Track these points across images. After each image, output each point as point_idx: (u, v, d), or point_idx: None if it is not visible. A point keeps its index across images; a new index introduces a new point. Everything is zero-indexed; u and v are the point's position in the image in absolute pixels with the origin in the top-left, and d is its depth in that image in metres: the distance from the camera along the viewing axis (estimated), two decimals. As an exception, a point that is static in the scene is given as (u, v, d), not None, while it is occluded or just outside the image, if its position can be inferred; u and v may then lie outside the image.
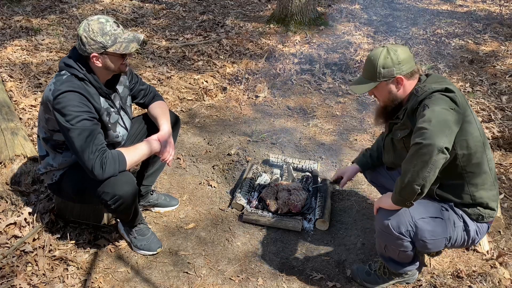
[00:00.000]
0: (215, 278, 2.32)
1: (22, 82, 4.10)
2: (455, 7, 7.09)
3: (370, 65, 1.97)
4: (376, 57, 1.95)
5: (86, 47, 2.00)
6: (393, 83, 1.96)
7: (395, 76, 1.93)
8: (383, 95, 2.02)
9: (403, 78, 1.94)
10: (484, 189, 1.96)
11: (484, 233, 2.05)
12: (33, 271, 2.24)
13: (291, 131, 3.72)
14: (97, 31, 1.99)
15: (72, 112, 1.98)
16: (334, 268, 2.40)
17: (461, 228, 1.98)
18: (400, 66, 1.92)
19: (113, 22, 2.05)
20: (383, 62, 1.93)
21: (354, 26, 5.97)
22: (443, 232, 1.94)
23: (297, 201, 2.72)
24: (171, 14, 6.41)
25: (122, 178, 2.08)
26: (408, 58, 1.94)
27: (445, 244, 1.98)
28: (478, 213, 1.97)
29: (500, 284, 2.23)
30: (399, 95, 1.99)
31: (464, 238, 2.00)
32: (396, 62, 1.92)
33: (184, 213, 2.78)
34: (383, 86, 1.97)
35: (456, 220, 1.97)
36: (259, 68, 4.73)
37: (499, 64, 4.90)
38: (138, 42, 2.09)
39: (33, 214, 2.52)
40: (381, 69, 1.93)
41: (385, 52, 1.94)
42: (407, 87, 1.97)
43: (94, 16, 2.05)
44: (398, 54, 1.92)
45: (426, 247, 1.96)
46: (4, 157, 2.86)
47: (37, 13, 6.02)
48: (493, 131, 3.57)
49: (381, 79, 1.95)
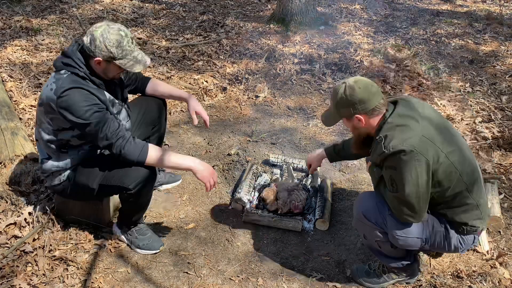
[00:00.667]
0: (215, 278, 2.32)
1: (22, 82, 4.10)
2: (455, 7, 7.09)
3: (334, 100, 1.95)
4: (336, 95, 1.93)
5: (96, 50, 2.01)
6: (354, 120, 1.94)
7: (353, 116, 1.92)
8: (350, 127, 2.04)
9: (362, 118, 1.91)
10: (465, 213, 1.94)
11: (469, 245, 2.02)
12: (33, 271, 2.24)
13: (291, 131, 3.72)
14: (114, 42, 2.00)
15: (81, 108, 2.00)
16: (334, 268, 2.40)
17: (441, 234, 1.98)
18: (357, 106, 1.88)
19: (130, 38, 2.07)
20: (341, 102, 1.91)
21: (354, 26, 5.96)
22: (416, 232, 1.95)
23: (297, 201, 2.72)
24: (171, 14, 6.41)
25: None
26: (368, 96, 1.87)
27: (422, 245, 1.99)
28: (461, 228, 1.97)
29: (500, 284, 2.23)
30: (364, 129, 1.98)
31: (444, 244, 2.00)
32: (353, 102, 1.87)
33: (184, 213, 2.78)
34: (346, 121, 2.00)
35: (436, 224, 1.98)
36: (259, 68, 4.73)
37: (499, 64, 4.90)
38: (144, 66, 2.13)
39: (33, 214, 2.52)
40: (340, 108, 1.93)
41: (342, 91, 1.89)
42: (370, 122, 1.94)
43: (115, 25, 2.06)
44: (355, 94, 1.86)
45: (397, 242, 1.98)
46: (4, 157, 2.86)
47: (37, 13, 6.02)
48: (493, 131, 3.57)
49: (343, 116, 1.96)
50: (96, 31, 2.00)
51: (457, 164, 1.87)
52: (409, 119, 1.85)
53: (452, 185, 1.88)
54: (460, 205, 1.92)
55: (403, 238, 1.95)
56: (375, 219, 1.99)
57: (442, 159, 1.83)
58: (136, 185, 2.15)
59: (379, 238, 2.04)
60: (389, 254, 2.12)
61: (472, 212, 1.94)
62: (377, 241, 2.05)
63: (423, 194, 1.83)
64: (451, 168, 1.86)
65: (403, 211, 1.87)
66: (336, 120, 2.01)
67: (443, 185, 1.87)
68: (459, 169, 1.88)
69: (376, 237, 2.04)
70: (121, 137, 2.08)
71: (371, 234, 2.05)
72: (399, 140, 1.79)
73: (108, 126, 2.06)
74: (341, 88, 1.90)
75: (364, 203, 2.05)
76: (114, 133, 2.07)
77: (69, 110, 1.99)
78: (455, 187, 1.89)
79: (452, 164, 1.86)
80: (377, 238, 2.04)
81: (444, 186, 1.88)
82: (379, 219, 1.98)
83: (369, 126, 1.94)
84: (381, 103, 1.90)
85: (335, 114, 1.98)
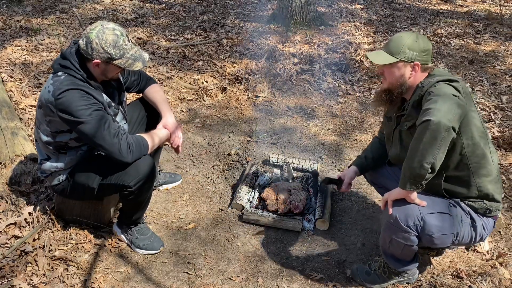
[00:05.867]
0: (215, 278, 2.32)
1: (22, 82, 4.10)
2: (455, 7, 7.09)
3: (397, 42, 1.98)
4: (405, 37, 1.98)
5: (93, 52, 2.00)
6: (410, 67, 1.98)
7: (414, 61, 1.96)
8: (394, 75, 2.01)
9: (420, 67, 1.97)
10: (489, 181, 1.97)
11: (491, 229, 2.05)
12: (33, 271, 2.24)
13: (291, 131, 3.72)
14: (111, 42, 1.99)
15: (79, 108, 1.99)
16: (334, 268, 2.40)
17: (468, 224, 1.98)
18: (422, 55, 1.96)
19: (125, 36, 2.06)
20: (411, 44, 1.95)
21: (354, 26, 5.97)
22: (450, 228, 1.94)
23: (297, 201, 2.72)
24: (171, 14, 6.41)
25: (143, 160, 2.17)
26: (430, 51, 1.99)
27: (452, 240, 1.98)
28: (485, 207, 1.98)
29: (500, 284, 2.23)
30: (408, 82, 2.00)
31: (471, 234, 2.00)
32: (421, 49, 1.96)
33: (184, 213, 2.78)
34: (399, 66, 1.98)
35: (464, 216, 1.98)
36: (259, 68, 4.73)
37: (499, 64, 4.90)
38: (143, 62, 2.12)
39: (33, 214, 2.52)
40: (406, 49, 1.95)
41: (414, 36, 1.98)
42: (418, 77, 1.99)
43: (109, 24, 2.04)
44: (425, 43, 1.97)
45: (432, 242, 1.96)
46: (4, 157, 2.86)
47: (37, 13, 6.02)
48: (493, 131, 3.57)
49: (402, 58, 1.96)
50: (91, 33, 1.99)
51: (482, 122, 1.95)
52: (449, 76, 1.95)
53: (481, 143, 1.92)
54: (487, 173, 1.95)
55: (439, 236, 1.93)
56: (411, 222, 1.91)
57: (474, 109, 1.91)
58: (136, 183, 2.16)
59: (409, 242, 1.97)
60: (402, 258, 2.11)
61: (496, 185, 1.98)
62: (406, 245, 1.99)
63: (451, 104, 1.75)
64: (480, 123, 1.93)
65: (423, 157, 1.74)
66: (390, 59, 1.98)
67: (474, 137, 1.90)
68: (484, 127, 1.95)
69: (407, 240, 1.96)
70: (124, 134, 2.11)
71: (402, 237, 1.97)
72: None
73: (109, 124, 2.06)
74: (414, 34, 1.98)
75: (397, 207, 1.95)
76: (117, 130, 2.08)
77: (68, 111, 1.99)
78: (483, 147, 1.93)
79: (480, 120, 1.93)
80: (407, 242, 1.97)
81: (476, 139, 1.90)
82: (415, 221, 1.91)
83: (415, 80, 1.99)
84: (432, 66, 2.02)
85: (393, 54, 1.97)
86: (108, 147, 2.06)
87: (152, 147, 2.23)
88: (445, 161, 1.87)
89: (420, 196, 1.94)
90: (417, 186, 1.83)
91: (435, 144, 1.71)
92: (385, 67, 2.02)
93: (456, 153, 1.91)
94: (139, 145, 2.14)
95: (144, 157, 2.18)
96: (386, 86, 2.06)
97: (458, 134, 1.85)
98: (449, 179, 1.98)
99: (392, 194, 1.95)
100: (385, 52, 2.01)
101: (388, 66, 2.00)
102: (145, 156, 2.19)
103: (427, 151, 1.72)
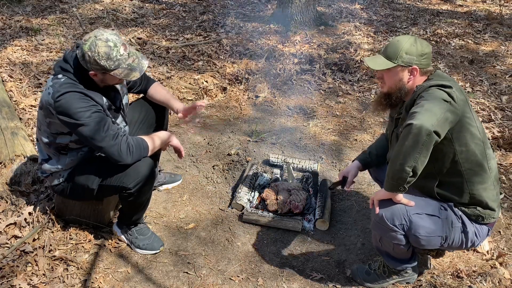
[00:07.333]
0: (215, 278, 2.32)
1: (22, 82, 4.10)
2: (455, 7, 7.09)
3: (394, 46, 1.97)
4: (403, 41, 1.96)
5: (87, 64, 1.99)
6: (408, 71, 1.96)
7: (412, 65, 1.94)
8: (393, 80, 2.01)
9: (419, 70, 1.95)
10: (484, 188, 1.96)
11: (484, 236, 2.03)
12: (33, 271, 2.24)
13: (291, 131, 3.72)
14: (103, 55, 1.95)
15: (78, 110, 1.98)
16: (334, 268, 2.40)
17: (459, 229, 1.97)
18: (421, 59, 1.94)
19: (121, 45, 2.00)
20: (408, 48, 1.94)
21: (354, 26, 5.97)
22: (438, 230, 1.94)
23: (297, 201, 2.72)
24: (171, 14, 6.41)
25: (143, 162, 2.17)
26: (429, 55, 1.97)
27: (441, 243, 1.98)
28: (477, 214, 1.97)
29: (500, 284, 2.23)
30: (407, 86, 1.99)
31: (462, 239, 1.99)
32: (419, 52, 1.94)
33: (184, 213, 2.78)
34: (397, 70, 1.97)
35: (455, 220, 1.97)
36: (259, 68, 4.73)
37: (499, 64, 4.90)
38: (140, 71, 2.10)
39: (33, 214, 2.52)
40: (403, 53, 1.94)
41: (412, 40, 1.96)
42: (417, 80, 1.98)
43: (103, 35, 1.97)
44: (423, 47, 1.95)
45: (419, 243, 1.96)
46: (4, 157, 2.86)
47: (37, 13, 6.02)
48: (493, 131, 3.57)
49: (400, 62, 1.95)
50: (85, 46, 1.97)
51: (480, 128, 1.92)
52: (445, 81, 1.91)
53: (476, 150, 1.90)
54: (481, 180, 1.93)
55: (426, 238, 1.93)
56: (397, 221, 1.93)
57: (470, 115, 1.88)
58: (136, 185, 2.15)
59: (396, 241, 1.99)
60: (398, 257, 2.12)
61: (491, 192, 1.96)
62: (395, 244, 2.01)
63: (437, 109, 1.74)
64: (476, 130, 1.90)
65: (405, 160, 1.73)
66: (387, 64, 1.97)
67: (468, 144, 1.88)
68: (482, 133, 1.92)
69: (394, 239, 1.98)
70: (124, 136, 2.10)
71: (389, 236, 1.99)
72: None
73: (108, 126, 2.06)
74: (412, 38, 1.96)
75: (384, 206, 1.96)
76: (116, 132, 2.07)
77: (67, 113, 1.98)
78: (479, 154, 1.91)
79: (477, 126, 1.91)
80: (394, 241, 1.99)
81: (470, 146, 1.88)
82: (401, 221, 1.92)
83: (414, 83, 1.98)
84: (432, 69, 2.00)
85: (392, 59, 1.96)
86: (107, 149, 2.05)
87: (152, 149, 2.23)
88: (438, 166, 1.88)
89: (413, 197, 1.95)
90: (400, 188, 1.83)
91: (416, 148, 1.71)
92: (383, 72, 2.01)
93: (448, 159, 1.90)
94: (139, 147, 2.14)
95: (144, 159, 2.18)
96: (386, 90, 2.06)
97: (450, 140, 1.85)
98: (443, 185, 1.98)
99: (378, 194, 1.96)
100: (382, 56, 2.00)
101: (386, 70, 1.99)
102: (145, 158, 2.19)
103: (409, 154, 1.72)
